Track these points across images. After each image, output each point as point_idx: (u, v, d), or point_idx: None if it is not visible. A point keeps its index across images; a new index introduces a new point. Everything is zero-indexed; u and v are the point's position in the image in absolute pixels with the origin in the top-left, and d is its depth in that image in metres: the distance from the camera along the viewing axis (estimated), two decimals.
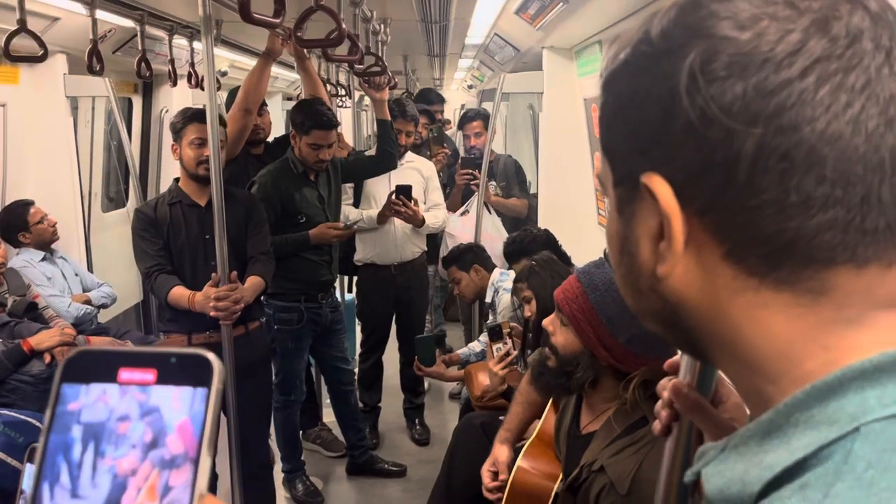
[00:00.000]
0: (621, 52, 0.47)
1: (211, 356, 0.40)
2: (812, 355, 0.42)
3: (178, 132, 2.51)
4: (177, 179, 2.60)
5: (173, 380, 0.38)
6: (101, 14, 2.77)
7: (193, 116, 2.49)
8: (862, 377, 0.39)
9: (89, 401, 0.39)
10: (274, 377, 3.10)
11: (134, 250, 2.52)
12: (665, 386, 0.70)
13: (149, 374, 0.39)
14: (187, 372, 0.39)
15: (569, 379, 1.52)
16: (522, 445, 1.92)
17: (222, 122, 2.61)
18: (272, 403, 2.96)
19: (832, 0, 0.41)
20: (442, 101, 5.21)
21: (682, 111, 0.42)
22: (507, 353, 2.49)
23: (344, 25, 1.84)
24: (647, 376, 1.42)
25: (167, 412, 0.38)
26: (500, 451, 1.93)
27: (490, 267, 3.25)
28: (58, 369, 0.40)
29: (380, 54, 3.06)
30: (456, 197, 4.24)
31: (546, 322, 1.57)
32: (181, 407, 0.38)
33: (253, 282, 2.51)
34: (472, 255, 3.27)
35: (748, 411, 0.53)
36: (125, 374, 0.39)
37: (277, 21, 1.61)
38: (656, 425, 0.71)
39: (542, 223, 3.57)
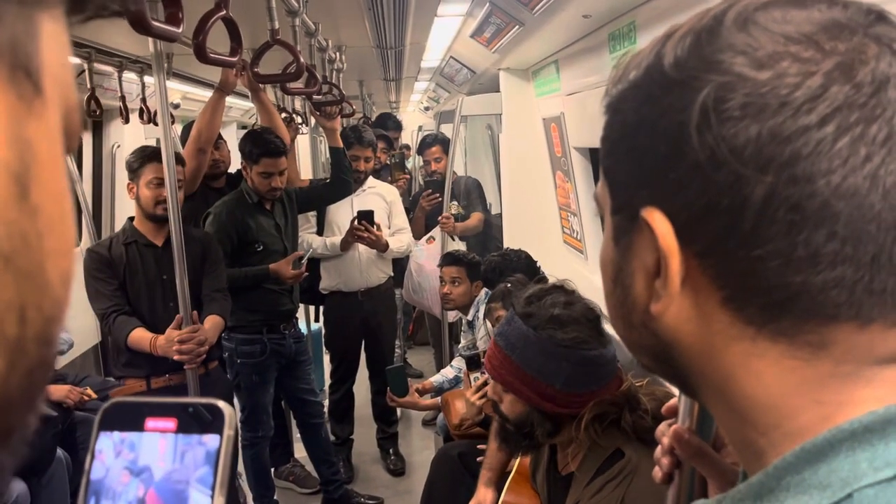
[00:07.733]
0: (631, 72, 0.44)
1: (222, 404, 0.42)
2: (805, 409, 0.40)
3: (134, 171, 2.44)
4: (131, 218, 2.53)
5: (191, 428, 0.42)
6: None
7: (151, 156, 2.43)
8: (852, 438, 0.37)
9: (121, 447, 0.43)
10: (240, 413, 3.02)
11: (87, 291, 2.43)
12: (664, 431, 0.68)
13: (170, 423, 0.42)
14: (202, 419, 0.42)
15: (532, 437, 1.51)
16: (508, 474, 1.89)
17: (180, 161, 2.55)
18: (239, 441, 2.88)
19: (859, 42, 0.38)
20: (399, 127, 5.19)
21: (691, 149, 0.39)
22: (486, 383, 2.46)
23: (302, 59, 1.80)
24: (595, 411, 1.42)
25: (187, 457, 0.42)
26: (486, 495, 1.91)
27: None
28: (96, 417, 0.43)
29: (336, 82, 3.03)
30: (420, 222, 4.21)
31: (491, 393, 1.57)
32: (198, 452, 0.41)
33: (213, 321, 2.45)
34: (478, 271, 3.13)
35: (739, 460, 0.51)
36: (151, 423, 0.42)
37: (234, 60, 1.56)
38: (657, 472, 0.68)
39: (508, 243, 3.56)
